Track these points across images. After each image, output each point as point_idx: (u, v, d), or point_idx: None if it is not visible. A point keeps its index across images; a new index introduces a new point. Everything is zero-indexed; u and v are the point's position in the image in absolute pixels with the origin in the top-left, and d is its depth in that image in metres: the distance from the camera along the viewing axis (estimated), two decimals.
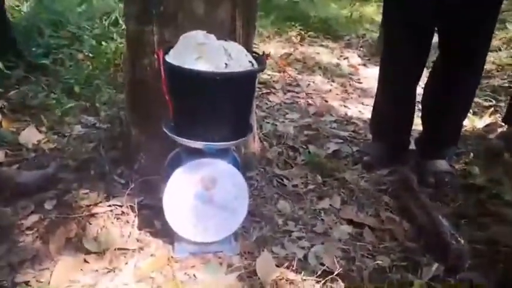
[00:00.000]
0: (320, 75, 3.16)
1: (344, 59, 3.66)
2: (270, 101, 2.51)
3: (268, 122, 2.02)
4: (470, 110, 2.05)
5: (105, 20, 2.66)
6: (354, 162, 1.66)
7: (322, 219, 1.28)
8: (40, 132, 1.74)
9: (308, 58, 3.59)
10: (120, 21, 2.64)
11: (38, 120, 1.81)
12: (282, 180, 1.46)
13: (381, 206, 1.37)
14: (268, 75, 3.01)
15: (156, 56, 1.04)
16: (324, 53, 3.71)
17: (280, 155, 1.67)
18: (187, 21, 1.20)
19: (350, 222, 1.28)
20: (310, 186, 1.45)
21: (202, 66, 0.96)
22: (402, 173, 1.51)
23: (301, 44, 4.18)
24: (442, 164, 1.53)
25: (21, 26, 2.46)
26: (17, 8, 2.89)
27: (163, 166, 1.19)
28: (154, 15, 1.20)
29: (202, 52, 0.98)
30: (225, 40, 1.06)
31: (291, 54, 3.62)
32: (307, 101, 2.58)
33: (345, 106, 2.51)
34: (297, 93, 2.73)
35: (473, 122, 2.16)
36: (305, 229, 1.23)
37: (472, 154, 1.68)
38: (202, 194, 1.07)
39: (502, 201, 1.32)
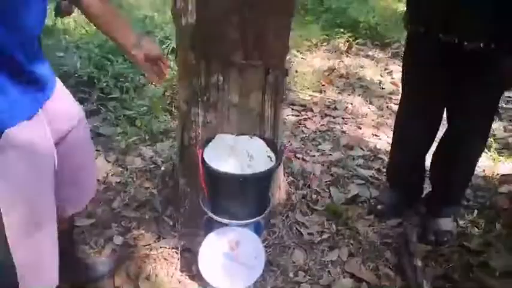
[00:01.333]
0: (359, 95, 3.31)
1: (388, 73, 3.75)
2: (307, 128, 2.74)
3: (299, 158, 2.28)
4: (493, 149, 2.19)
5: (165, 49, 2.99)
6: (368, 210, 1.89)
7: (328, 271, 1.55)
8: (108, 162, 2.13)
9: (351, 74, 3.73)
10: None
11: (106, 150, 2.21)
12: (301, 227, 1.74)
13: (382, 261, 1.61)
14: (309, 95, 3.22)
15: (197, 149, 1.34)
16: (368, 67, 3.82)
17: (304, 199, 1.94)
18: (225, 107, 1.48)
19: (352, 276, 1.54)
20: (325, 236, 1.72)
21: (231, 164, 1.25)
22: (404, 227, 1.72)
23: (347, 54, 4.29)
24: (445, 223, 1.72)
25: (93, 53, 2.85)
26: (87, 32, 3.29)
27: (202, 220, 1.51)
28: (200, 101, 1.49)
29: (231, 153, 1.26)
30: (251, 137, 1.34)
31: (334, 69, 3.77)
32: (342, 128, 2.78)
33: (376, 135, 2.69)
34: (334, 117, 2.93)
35: (495, 165, 2.28)
36: (312, 280, 1.51)
37: (476, 211, 1.84)
38: (228, 253, 1.38)
39: (490, 269, 1.51)
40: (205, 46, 1.39)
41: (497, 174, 2.17)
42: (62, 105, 1.09)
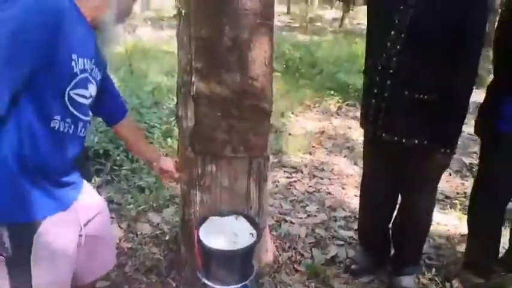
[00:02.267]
0: (346, 156, 3.67)
1: None
2: (296, 190, 3.08)
3: (287, 221, 2.60)
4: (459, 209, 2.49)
5: (172, 121, 3.40)
6: (344, 269, 2.19)
7: None
8: (121, 228, 2.47)
9: (339, 135, 4.11)
10: None
11: (119, 217, 2.55)
12: (286, 287, 2.04)
13: None
14: (300, 157, 3.58)
15: (194, 229, 1.68)
16: (355, 128, 4.20)
17: (289, 260, 2.24)
18: (218, 190, 1.83)
19: None
20: None
21: (221, 241, 1.58)
22: (375, 285, 2.02)
23: (337, 115, 4.70)
24: (406, 280, 2.00)
25: (108, 128, 3.25)
26: None
27: (199, 284, 1.81)
28: (197, 185, 1.85)
29: (220, 233, 1.60)
30: (236, 218, 1.68)
31: (324, 131, 4.16)
32: (327, 189, 3.11)
33: (358, 196, 3.00)
34: (321, 178, 3.27)
35: (460, 223, 2.58)
36: None
37: (434, 269, 2.13)
38: None
39: None
40: (201, 144, 1.77)
41: (459, 233, 2.47)
42: (88, 197, 1.44)
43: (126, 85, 4.36)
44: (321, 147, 3.83)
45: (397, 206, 2.07)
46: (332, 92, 5.08)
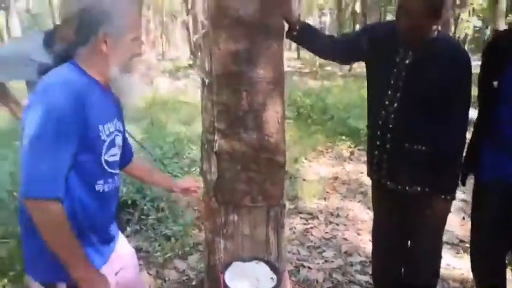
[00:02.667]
0: (360, 201, 3.79)
1: None
2: (313, 236, 3.19)
3: (305, 267, 2.71)
4: None
5: (193, 171, 3.62)
6: None
7: None
8: (150, 275, 2.61)
9: (352, 180, 4.25)
10: None
11: (147, 264, 2.70)
12: None
13: None
14: (316, 203, 3.72)
15: (220, 273, 1.82)
16: None
17: None
18: (240, 237, 1.99)
19: None
20: None
21: (244, 285, 1.72)
22: None
23: (350, 160, 4.85)
24: None
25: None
26: None
27: None
28: (221, 233, 2.01)
29: (244, 277, 1.74)
30: (257, 262, 1.82)
31: (337, 177, 4.30)
32: (343, 235, 3.22)
33: None
34: (337, 224, 3.39)
35: None
36: None
37: None
38: None
39: None
40: (224, 195, 1.95)
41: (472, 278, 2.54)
42: (121, 246, 1.62)
43: (148, 136, 4.64)
44: (335, 192, 3.96)
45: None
46: (344, 137, 5.26)
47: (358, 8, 15.89)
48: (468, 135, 1.89)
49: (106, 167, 1.35)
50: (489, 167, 1.93)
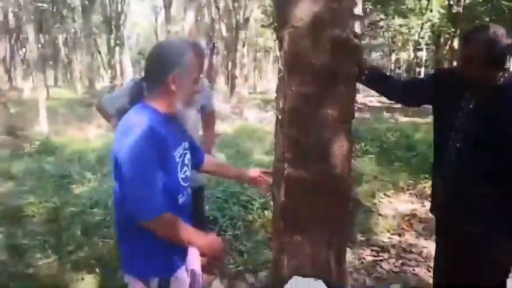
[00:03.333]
0: None
1: None
2: (382, 268, 3.25)
3: None
4: None
5: (269, 195, 3.91)
6: None
7: None
8: (222, 284, 2.92)
9: (431, 219, 4.15)
10: None
11: (220, 275, 3.01)
12: None
13: None
14: (388, 238, 3.75)
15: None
16: None
17: None
18: (303, 255, 2.21)
19: None
20: None
21: None
22: None
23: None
24: None
25: (217, 197, 3.88)
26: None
27: None
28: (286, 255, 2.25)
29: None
30: (316, 279, 2.02)
31: (415, 214, 4.26)
32: (413, 270, 3.22)
33: None
34: (409, 260, 3.39)
35: None
36: None
37: None
38: None
39: None
40: (290, 217, 2.20)
41: None
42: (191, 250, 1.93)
43: (233, 162, 5.07)
44: (411, 229, 3.94)
45: None
46: (427, 175, 5.16)
47: (456, 44, 15.27)
48: None
49: (182, 183, 1.71)
50: None
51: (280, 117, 2.13)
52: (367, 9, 22.05)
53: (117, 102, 2.38)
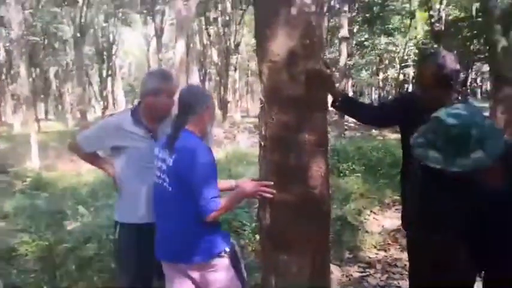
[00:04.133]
0: None
1: None
2: (368, 283, 3.39)
3: None
4: None
5: None
6: None
7: None
8: None
9: None
10: None
11: None
12: None
13: None
14: (375, 254, 3.90)
15: None
16: None
17: None
18: (289, 274, 2.35)
19: None
20: None
21: None
22: None
23: None
24: None
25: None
26: None
27: None
28: (273, 274, 2.39)
29: None
30: None
31: (400, 229, 4.42)
32: (398, 283, 3.37)
33: None
34: (393, 274, 3.54)
35: None
36: None
37: None
38: None
39: None
40: (275, 238, 2.35)
41: None
42: None
43: None
44: (396, 243, 4.10)
45: None
46: None
47: None
48: None
49: None
50: None
51: (263, 144, 2.32)
52: (354, 30, 22.73)
53: (96, 144, 2.59)
